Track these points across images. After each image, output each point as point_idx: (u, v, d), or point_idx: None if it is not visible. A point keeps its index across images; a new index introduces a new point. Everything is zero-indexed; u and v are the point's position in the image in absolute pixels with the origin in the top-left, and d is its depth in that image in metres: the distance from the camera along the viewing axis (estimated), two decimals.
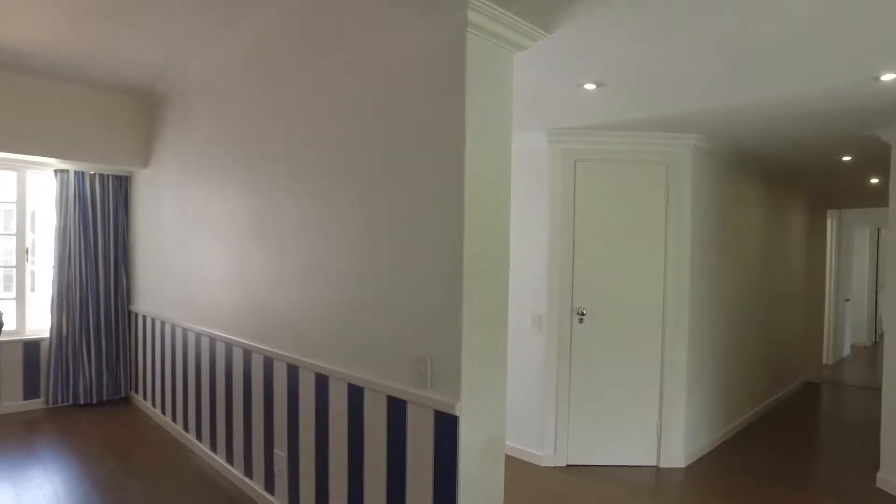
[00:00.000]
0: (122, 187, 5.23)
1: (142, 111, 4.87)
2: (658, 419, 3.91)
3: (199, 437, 3.92)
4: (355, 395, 2.43)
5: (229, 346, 3.46)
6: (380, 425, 2.31)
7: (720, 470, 3.93)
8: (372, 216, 2.34)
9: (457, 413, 1.97)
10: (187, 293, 4.06)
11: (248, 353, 3.26)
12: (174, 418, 4.33)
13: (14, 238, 4.92)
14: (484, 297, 2.04)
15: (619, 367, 3.90)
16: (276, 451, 3.02)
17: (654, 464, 3.93)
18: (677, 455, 3.92)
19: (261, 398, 3.15)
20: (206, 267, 3.77)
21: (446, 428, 2.02)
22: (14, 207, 4.90)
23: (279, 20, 2.97)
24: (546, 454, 3.91)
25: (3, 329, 2.38)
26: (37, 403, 4.93)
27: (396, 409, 2.23)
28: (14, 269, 4.93)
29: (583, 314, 3.88)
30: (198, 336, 3.88)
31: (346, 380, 2.47)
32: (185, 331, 4.09)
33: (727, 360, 4.61)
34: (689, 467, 3.96)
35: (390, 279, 2.24)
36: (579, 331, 3.89)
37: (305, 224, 2.75)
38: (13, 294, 4.92)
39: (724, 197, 4.47)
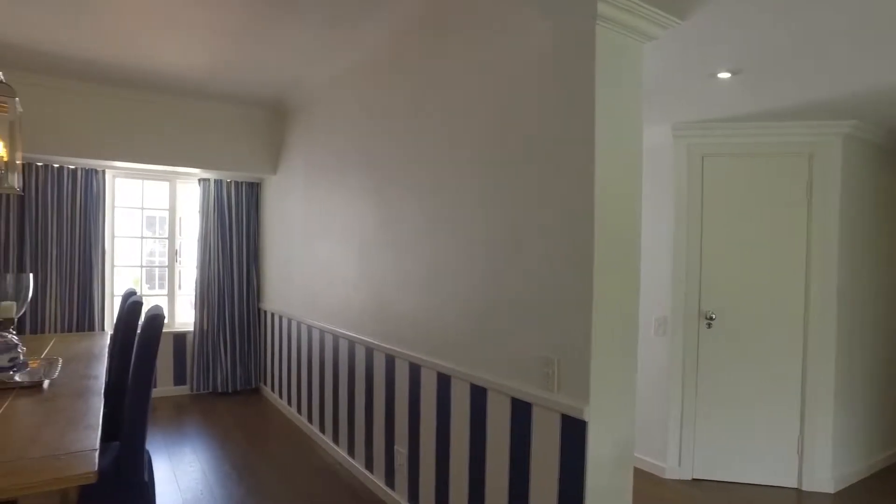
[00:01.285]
0: (253, 193, 5.64)
1: (271, 122, 5.23)
2: (799, 436, 3.56)
3: (322, 428, 4.12)
4: (478, 395, 2.43)
5: (352, 343, 3.60)
6: (503, 427, 2.29)
7: (878, 499, 3.51)
8: (498, 216, 2.32)
9: (585, 418, 1.90)
10: (312, 292, 4.29)
11: (370, 351, 3.37)
12: (299, 410, 4.59)
13: (166, 241, 5.47)
14: (614, 296, 1.96)
15: (752, 377, 3.60)
16: (396, 447, 3.09)
17: (796, 486, 3.58)
18: (824, 479, 3.55)
19: (382, 395, 3.24)
20: (331, 267, 3.96)
21: (574, 433, 1.96)
22: (166, 214, 5.45)
23: (400, 26, 3.06)
24: (669, 466, 3.70)
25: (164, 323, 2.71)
26: (184, 390, 5.44)
27: (521, 411, 2.19)
28: (166, 269, 5.49)
29: (711, 318, 3.63)
30: (322, 333, 4.08)
31: (468, 380, 2.47)
32: (310, 328, 4.32)
33: (886, 374, 4.10)
34: (840, 494, 3.56)
35: (515, 279, 2.21)
36: (707, 336, 3.64)
37: (429, 225, 2.80)
38: (165, 291, 5.48)
39: (881, 190, 3.98)
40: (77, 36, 3.50)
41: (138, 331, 2.33)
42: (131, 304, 2.87)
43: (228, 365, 5.48)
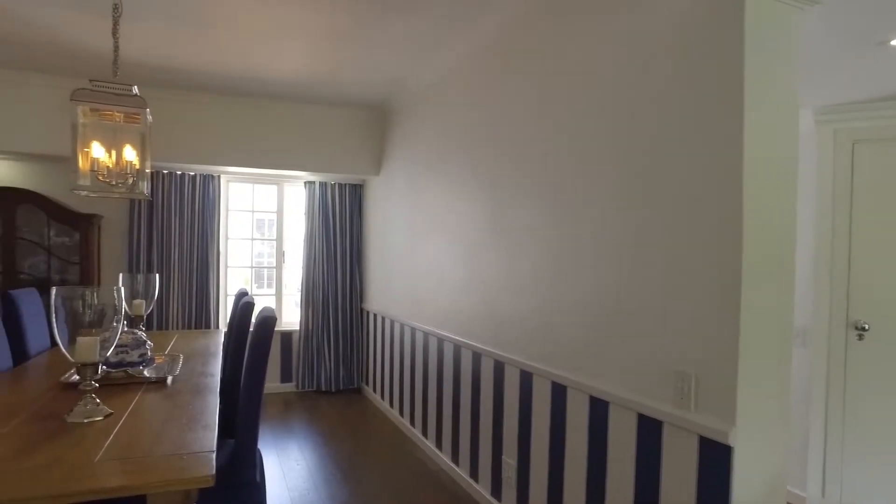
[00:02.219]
0: (356, 195, 5.72)
1: (374, 124, 5.27)
2: None
3: (424, 433, 4.06)
4: (598, 409, 2.24)
5: (458, 347, 3.50)
6: (627, 446, 2.09)
7: None
8: (626, 212, 2.12)
9: (731, 443, 1.66)
10: (415, 293, 4.25)
11: (477, 356, 3.26)
12: (401, 412, 4.56)
13: (274, 243, 5.68)
14: (765, 304, 1.70)
15: None
16: (504, 457, 2.95)
17: None
18: None
19: (490, 402, 3.11)
20: (435, 269, 3.89)
21: (715, 459, 1.72)
22: (275, 217, 5.65)
23: (519, 11, 2.92)
24: (811, 495, 3.28)
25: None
26: (290, 387, 5.61)
27: (649, 429, 1.98)
28: (273, 270, 5.69)
29: (863, 329, 3.18)
30: (426, 335, 4.02)
31: (587, 392, 2.29)
32: (413, 329, 4.28)
33: None
34: None
35: (643, 283, 2.00)
36: (857, 349, 3.19)
37: (543, 224, 2.64)
38: (272, 291, 5.68)
39: None
40: (196, 52, 3.67)
41: (250, 330, 2.36)
42: (244, 305, 2.94)
43: (332, 364, 5.59)
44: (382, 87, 4.45)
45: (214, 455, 1.60)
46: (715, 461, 1.72)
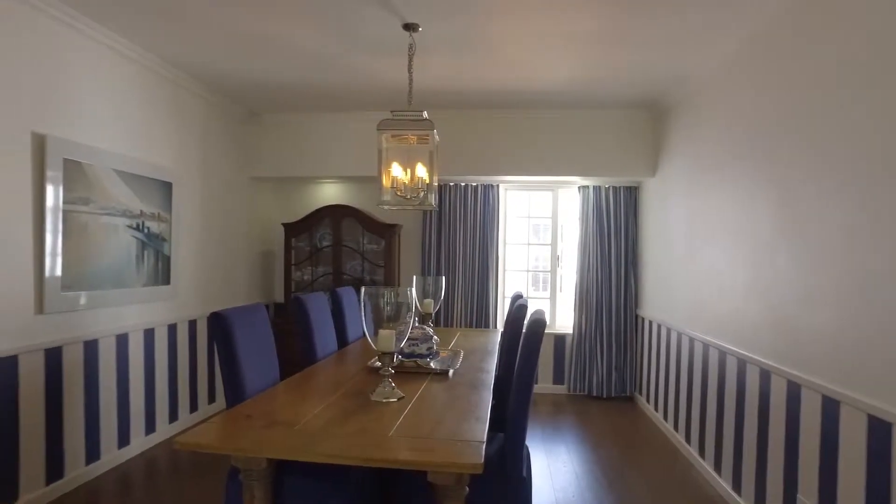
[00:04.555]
0: (631, 198, 5.54)
1: (647, 123, 5.05)
2: None
3: (701, 453, 3.72)
4: None
5: (742, 362, 3.14)
6: None
7: None
8: None
9: None
10: (695, 301, 3.94)
11: (765, 375, 2.87)
12: (675, 427, 4.27)
13: (548, 248, 5.86)
14: None
15: None
16: (799, 496, 2.54)
17: None
18: None
19: (780, 429, 2.71)
20: (718, 275, 3.56)
21: None
22: (549, 222, 5.84)
23: None
24: None
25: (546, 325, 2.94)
26: (561, 389, 5.71)
27: None
28: (549, 274, 5.88)
29: None
30: (705, 346, 3.69)
31: None
32: (691, 340, 3.97)
33: None
34: None
35: None
36: None
37: (855, 223, 2.22)
38: (547, 294, 5.87)
39: None
40: (475, 74, 4.03)
41: (523, 331, 2.49)
42: (518, 307, 3.11)
43: (604, 369, 5.52)
44: (656, 84, 4.24)
45: (484, 446, 1.74)
46: None
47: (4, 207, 2.83)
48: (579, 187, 5.57)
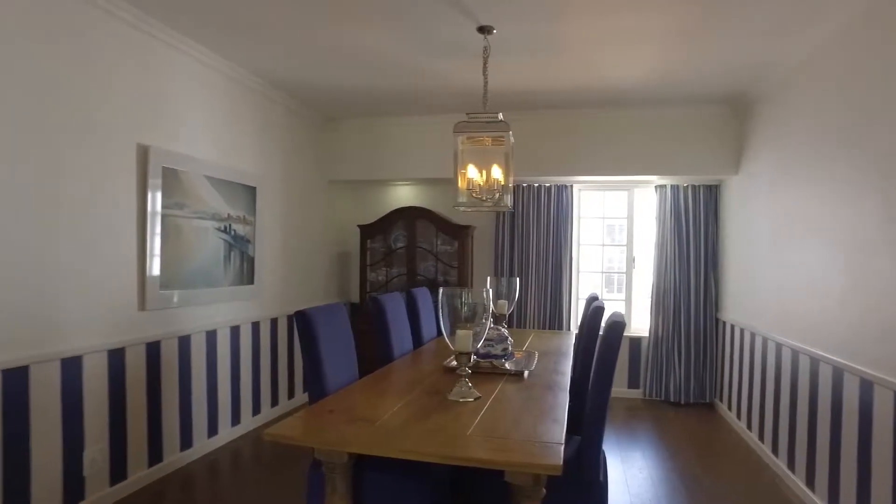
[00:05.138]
0: (711, 197, 5.32)
1: (729, 118, 4.83)
2: None
3: (790, 465, 3.52)
4: None
5: (838, 371, 2.95)
6: None
7: None
8: None
9: None
10: (782, 304, 3.73)
11: (866, 385, 2.69)
12: (761, 437, 4.05)
13: (623, 248, 5.72)
14: None
15: None
16: None
17: None
18: None
19: (888, 447, 2.53)
20: (810, 277, 3.36)
21: None
22: (624, 222, 5.70)
23: None
24: None
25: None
26: (636, 393, 5.56)
27: None
28: (623, 275, 5.74)
29: None
30: (794, 353, 3.50)
31: None
32: (778, 346, 3.77)
33: None
34: None
35: None
36: None
37: None
38: (622, 296, 5.73)
39: None
40: (549, 74, 4.00)
41: (600, 333, 2.45)
42: (594, 309, 3.06)
43: (682, 374, 5.33)
44: (738, 79, 4.05)
45: (563, 448, 1.74)
46: None
47: (116, 213, 3.09)
48: (656, 186, 5.41)
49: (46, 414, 2.73)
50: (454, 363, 2.91)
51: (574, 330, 5.42)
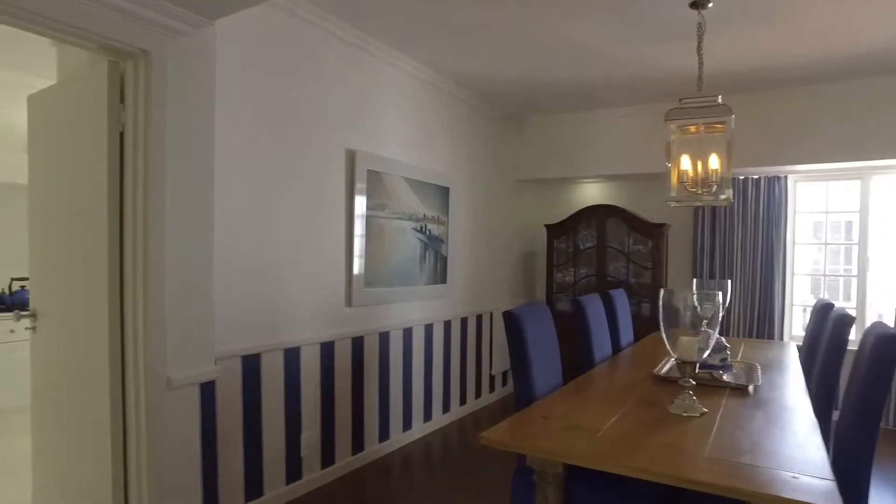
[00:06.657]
0: None
1: None
2: None
3: None
4: None
5: None
6: None
7: None
8: None
9: None
10: None
11: None
12: None
13: (854, 248, 4.87)
14: None
15: None
16: None
17: None
18: None
19: None
20: None
21: None
22: (854, 217, 4.84)
23: None
24: None
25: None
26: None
27: None
28: (854, 279, 4.88)
29: None
30: None
31: None
32: None
33: None
34: None
35: None
36: None
37: None
38: (851, 304, 4.87)
39: None
40: (771, 47, 3.49)
41: (848, 348, 2.05)
42: (838, 319, 2.59)
43: None
44: None
45: (835, 485, 1.44)
46: None
47: (329, 215, 3.33)
48: None
49: (274, 394, 3.02)
50: (664, 371, 2.66)
51: (789, 340, 4.73)
